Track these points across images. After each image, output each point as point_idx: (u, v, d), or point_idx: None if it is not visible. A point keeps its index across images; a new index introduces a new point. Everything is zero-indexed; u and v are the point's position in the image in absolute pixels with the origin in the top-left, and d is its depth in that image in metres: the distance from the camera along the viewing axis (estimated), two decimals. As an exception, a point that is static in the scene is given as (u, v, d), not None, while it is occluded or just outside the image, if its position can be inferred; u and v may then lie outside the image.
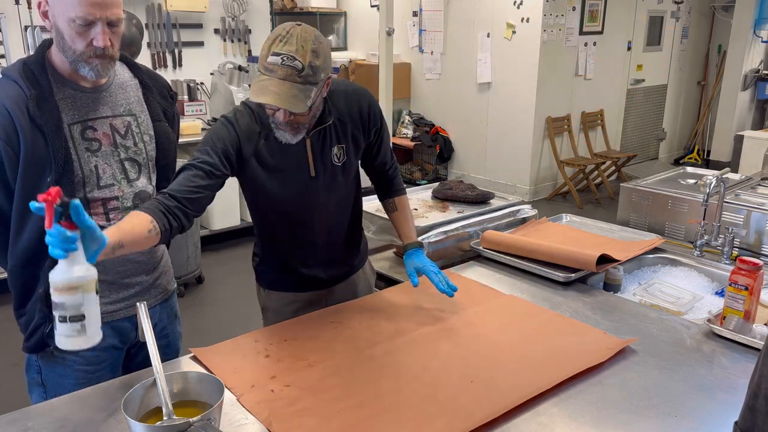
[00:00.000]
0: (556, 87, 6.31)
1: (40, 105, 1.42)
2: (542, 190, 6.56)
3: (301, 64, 1.44)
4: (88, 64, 1.43)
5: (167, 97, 1.71)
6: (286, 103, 1.45)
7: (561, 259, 2.03)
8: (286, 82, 1.45)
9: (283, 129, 1.56)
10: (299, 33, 1.46)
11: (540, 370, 1.47)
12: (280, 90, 1.44)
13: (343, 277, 1.93)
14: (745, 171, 4.83)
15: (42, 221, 1.44)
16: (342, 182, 1.76)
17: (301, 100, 1.46)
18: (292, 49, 1.44)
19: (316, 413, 1.31)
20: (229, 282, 4.41)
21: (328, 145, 1.69)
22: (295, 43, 1.44)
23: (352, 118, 1.72)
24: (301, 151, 1.66)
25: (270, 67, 1.45)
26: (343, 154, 1.73)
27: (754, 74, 7.57)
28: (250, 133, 1.61)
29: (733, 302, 1.69)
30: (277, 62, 1.44)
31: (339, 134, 1.71)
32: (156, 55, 5.13)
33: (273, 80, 1.45)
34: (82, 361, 1.58)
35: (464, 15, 6.55)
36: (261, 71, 1.48)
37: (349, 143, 1.74)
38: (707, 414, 1.34)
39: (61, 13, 1.38)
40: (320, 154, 1.69)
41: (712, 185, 2.12)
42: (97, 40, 1.40)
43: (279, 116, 1.52)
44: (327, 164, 1.70)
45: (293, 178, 1.67)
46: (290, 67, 1.44)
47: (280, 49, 1.44)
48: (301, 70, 1.45)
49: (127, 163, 1.57)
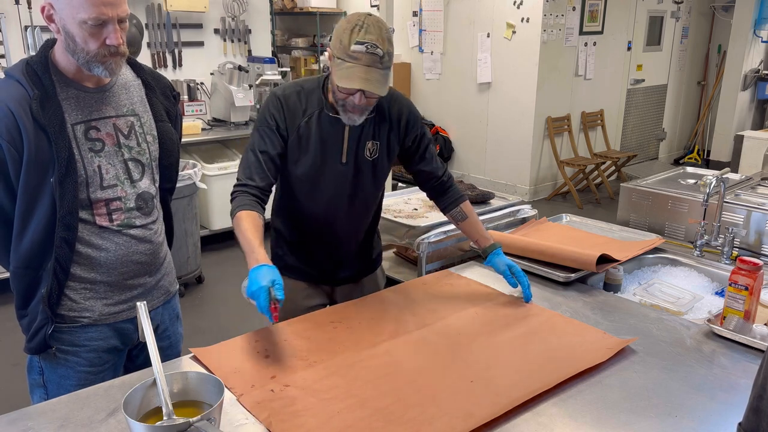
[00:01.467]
0: (556, 87, 6.31)
1: (44, 105, 1.42)
2: (542, 190, 6.56)
3: (382, 51, 1.57)
4: (102, 63, 1.44)
5: (170, 97, 1.71)
6: (374, 87, 1.58)
7: (561, 259, 2.03)
8: (371, 68, 1.57)
9: (352, 111, 1.67)
10: (374, 22, 1.59)
11: (539, 370, 1.47)
12: (368, 76, 1.57)
13: (355, 278, 1.97)
14: (745, 171, 4.83)
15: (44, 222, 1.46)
16: (369, 178, 1.83)
17: (384, 84, 1.61)
18: (373, 38, 1.56)
19: (316, 413, 1.31)
20: (229, 282, 4.41)
21: (363, 137, 1.78)
22: (374, 32, 1.57)
23: (390, 119, 1.81)
24: (338, 138, 1.76)
25: (355, 55, 1.56)
26: (375, 150, 1.81)
27: (754, 74, 7.56)
28: (296, 112, 1.74)
29: (733, 302, 1.69)
30: (362, 50, 1.56)
31: (375, 131, 1.80)
32: (156, 55, 5.13)
33: (359, 67, 1.57)
34: (84, 363, 1.58)
35: (464, 15, 6.55)
36: (344, 59, 1.58)
37: (383, 142, 1.82)
38: (707, 414, 1.34)
39: (71, 16, 1.38)
40: (355, 144, 1.78)
41: (712, 185, 2.12)
42: (111, 39, 1.41)
43: (355, 100, 1.63)
44: (359, 155, 1.79)
45: (326, 161, 1.77)
46: (374, 55, 1.56)
47: (362, 37, 1.56)
48: (382, 57, 1.58)
49: (131, 163, 1.57)
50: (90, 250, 1.53)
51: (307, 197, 1.82)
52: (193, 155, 4.80)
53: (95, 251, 1.53)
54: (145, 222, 1.60)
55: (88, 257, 1.53)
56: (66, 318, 1.55)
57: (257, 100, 5.23)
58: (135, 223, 1.58)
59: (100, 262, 1.54)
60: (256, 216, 1.64)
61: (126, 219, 1.56)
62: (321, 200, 1.81)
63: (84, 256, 1.53)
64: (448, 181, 1.96)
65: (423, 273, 2.31)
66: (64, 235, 1.47)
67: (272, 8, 5.94)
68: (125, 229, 1.56)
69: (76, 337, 1.56)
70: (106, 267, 1.56)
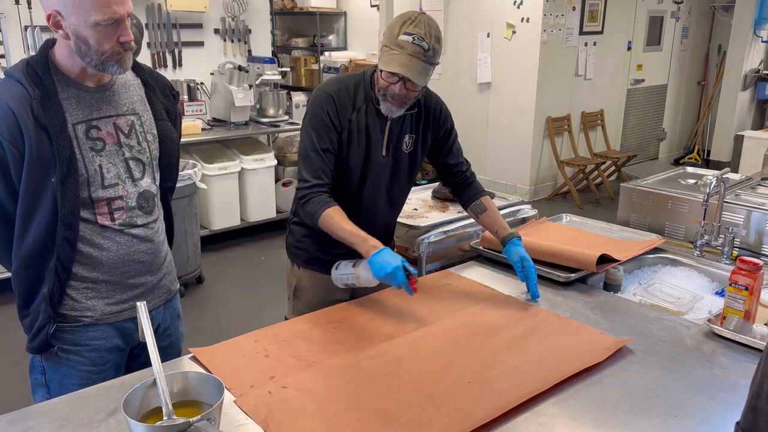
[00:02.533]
0: (556, 87, 6.31)
1: (44, 105, 1.42)
2: (542, 190, 6.56)
3: (428, 44, 1.67)
4: (117, 61, 1.46)
5: (169, 96, 1.71)
6: (414, 76, 1.66)
7: (561, 259, 2.03)
8: (414, 58, 1.66)
9: (392, 102, 1.75)
10: (426, 20, 1.69)
11: (538, 371, 1.47)
12: (409, 63, 1.66)
13: None
14: (745, 171, 4.83)
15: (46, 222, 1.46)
16: (405, 171, 1.91)
17: (423, 75, 1.69)
18: (421, 32, 1.66)
19: (315, 414, 1.31)
20: (229, 282, 4.41)
21: (403, 131, 1.87)
22: (423, 27, 1.67)
23: (426, 113, 1.90)
24: (380, 131, 1.84)
25: (401, 44, 1.66)
26: (412, 143, 1.90)
27: (754, 74, 7.56)
28: (346, 106, 1.80)
29: (733, 302, 1.69)
30: (408, 40, 1.65)
31: (413, 124, 1.89)
32: (156, 55, 5.13)
33: (403, 54, 1.66)
34: (86, 362, 1.58)
35: (464, 15, 6.55)
36: (391, 47, 1.68)
37: (419, 136, 1.90)
38: (707, 414, 1.34)
39: (82, 20, 1.38)
40: (396, 138, 1.86)
41: (712, 185, 2.12)
42: (124, 35, 1.43)
43: (395, 89, 1.71)
44: (398, 149, 1.88)
45: (371, 154, 1.84)
46: (419, 46, 1.66)
47: (411, 30, 1.66)
48: (427, 50, 1.67)
49: (132, 162, 1.57)
50: (92, 249, 1.53)
51: (350, 190, 1.86)
52: (193, 155, 4.79)
53: (97, 250, 1.54)
54: (147, 221, 1.61)
55: (89, 256, 1.53)
56: (68, 317, 1.55)
57: (257, 100, 5.23)
58: (136, 222, 1.58)
59: (101, 261, 1.55)
60: (341, 210, 1.74)
61: (127, 218, 1.56)
62: (361, 192, 1.87)
63: (86, 256, 1.53)
64: (471, 176, 2.03)
65: (423, 273, 2.31)
66: (65, 234, 1.47)
67: (272, 8, 5.94)
68: (127, 228, 1.56)
69: (78, 337, 1.56)
70: (108, 266, 1.56)
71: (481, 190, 2.02)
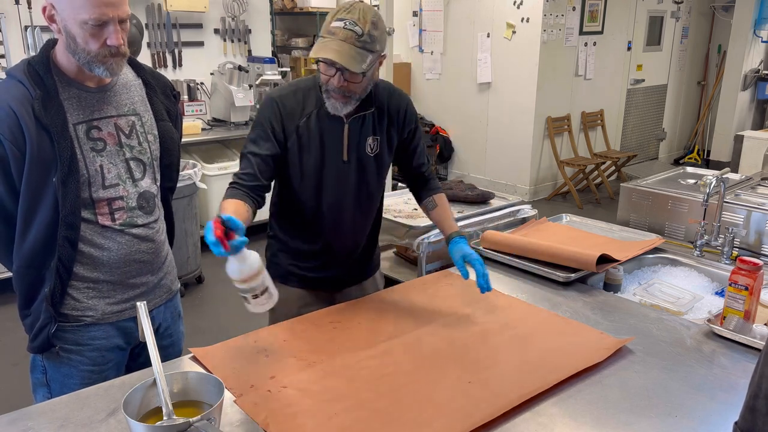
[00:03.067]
0: (556, 87, 6.31)
1: (46, 105, 1.42)
2: (542, 190, 6.56)
3: (361, 29, 1.58)
4: (103, 64, 1.44)
5: (170, 97, 1.71)
6: (344, 59, 1.57)
7: (561, 259, 2.03)
8: (346, 43, 1.57)
9: (335, 97, 1.66)
10: (362, 7, 1.61)
11: (537, 371, 1.47)
12: (341, 49, 1.57)
13: (355, 281, 1.96)
14: (745, 171, 4.83)
15: (47, 221, 1.46)
16: (372, 175, 1.83)
17: (358, 62, 1.58)
18: (354, 17, 1.58)
19: (314, 415, 1.31)
20: (229, 282, 4.40)
21: (364, 133, 1.78)
22: (357, 13, 1.59)
23: (390, 113, 1.82)
24: (338, 135, 1.75)
25: (332, 30, 1.59)
26: (377, 146, 1.81)
27: (754, 74, 7.56)
28: (294, 113, 1.73)
29: (733, 302, 1.69)
30: (340, 26, 1.58)
31: (376, 126, 1.80)
32: (156, 55, 5.13)
33: (334, 40, 1.58)
34: (87, 361, 1.58)
35: (464, 15, 6.55)
36: (323, 35, 1.60)
37: (384, 137, 1.82)
38: (707, 414, 1.34)
39: (72, 17, 1.38)
40: (356, 140, 1.77)
41: (712, 185, 2.12)
42: (111, 39, 1.41)
43: (334, 82, 1.62)
44: (361, 152, 1.79)
45: (328, 159, 1.76)
46: (351, 31, 1.57)
47: (343, 16, 1.59)
48: (361, 35, 1.58)
49: (132, 162, 1.57)
50: (92, 249, 1.53)
51: (311, 198, 1.80)
52: (193, 155, 4.80)
53: (98, 250, 1.54)
54: (147, 221, 1.61)
55: (90, 256, 1.53)
56: (69, 317, 1.55)
57: (257, 100, 5.23)
58: (137, 222, 1.58)
59: (102, 261, 1.55)
60: (239, 202, 1.62)
61: (128, 218, 1.56)
62: (325, 201, 1.80)
63: (87, 256, 1.53)
64: (430, 174, 1.98)
65: (423, 273, 2.31)
66: (66, 234, 1.47)
67: (272, 8, 5.93)
68: (127, 228, 1.56)
69: (79, 336, 1.57)
70: (109, 266, 1.56)
71: (436, 187, 1.97)
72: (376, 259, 2.04)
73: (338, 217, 1.82)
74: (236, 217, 1.42)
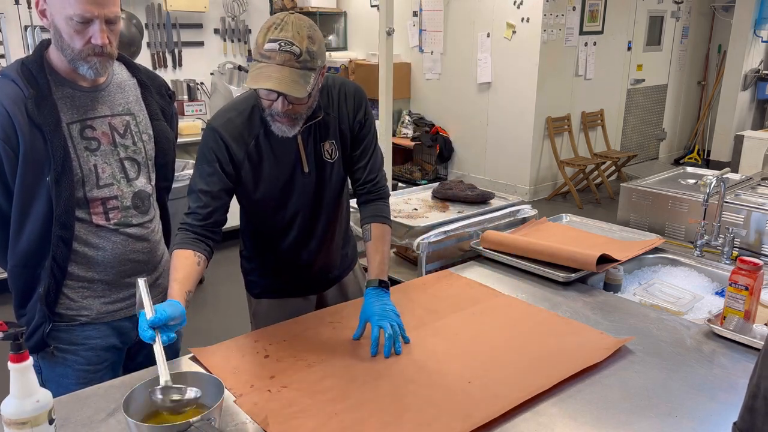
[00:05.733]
0: (556, 87, 6.31)
1: (39, 104, 1.42)
2: (542, 190, 6.56)
3: (299, 49, 1.43)
4: (86, 62, 1.43)
5: (165, 96, 1.71)
6: (286, 87, 1.42)
7: (561, 259, 2.03)
8: (285, 67, 1.43)
9: (280, 121, 1.53)
10: (294, 21, 1.45)
11: (537, 371, 1.47)
12: (281, 75, 1.42)
13: (333, 281, 1.93)
14: (745, 171, 4.83)
15: (41, 221, 1.46)
16: (335, 179, 1.73)
17: (302, 86, 1.44)
18: (288, 35, 1.42)
19: (314, 415, 1.31)
20: (229, 282, 4.41)
21: (318, 140, 1.67)
22: (291, 29, 1.43)
23: (339, 111, 1.69)
24: (293, 148, 1.64)
25: (267, 54, 1.43)
26: (334, 150, 1.70)
27: (754, 74, 7.56)
28: (240, 139, 1.60)
29: (733, 302, 1.69)
30: (275, 48, 1.42)
31: (326, 130, 1.68)
32: (156, 55, 5.13)
33: (272, 66, 1.43)
34: (83, 361, 1.58)
35: (464, 15, 6.55)
36: (257, 59, 1.45)
37: (337, 139, 1.70)
38: (707, 414, 1.34)
39: (59, 11, 1.39)
40: (312, 150, 1.67)
41: (712, 185, 2.12)
42: (95, 38, 1.40)
43: (277, 106, 1.49)
44: (319, 160, 1.68)
45: (288, 175, 1.66)
46: (288, 53, 1.42)
47: (276, 35, 1.42)
48: (299, 56, 1.43)
49: (127, 162, 1.57)
50: (87, 248, 1.53)
51: (276, 214, 1.71)
52: (193, 155, 4.79)
53: (92, 250, 1.54)
54: (142, 221, 1.61)
55: (85, 256, 1.53)
56: (64, 317, 1.55)
57: (257, 100, 5.23)
58: (132, 222, 1.58)
59: (97, 260, 1.55)
60: (188, 254, 1.51)
61: (123, 218, 1.56)
62: (291, 214, 1.71)
63: (81, 255, 1.53)
64: (379, 192, 1.76)
65: (423, 273, 2.30)
66: (60, 233, 1.47)
67: (272, 8, 5.94)
68: (122, 227, 1.56)
69: (74, 336, 1.57)
70: (104, 265, 1.56)
71: (381, 213, 1.75)
72: (351, 255, 1.98)
73: (308, 225, 1.75)
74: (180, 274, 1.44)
